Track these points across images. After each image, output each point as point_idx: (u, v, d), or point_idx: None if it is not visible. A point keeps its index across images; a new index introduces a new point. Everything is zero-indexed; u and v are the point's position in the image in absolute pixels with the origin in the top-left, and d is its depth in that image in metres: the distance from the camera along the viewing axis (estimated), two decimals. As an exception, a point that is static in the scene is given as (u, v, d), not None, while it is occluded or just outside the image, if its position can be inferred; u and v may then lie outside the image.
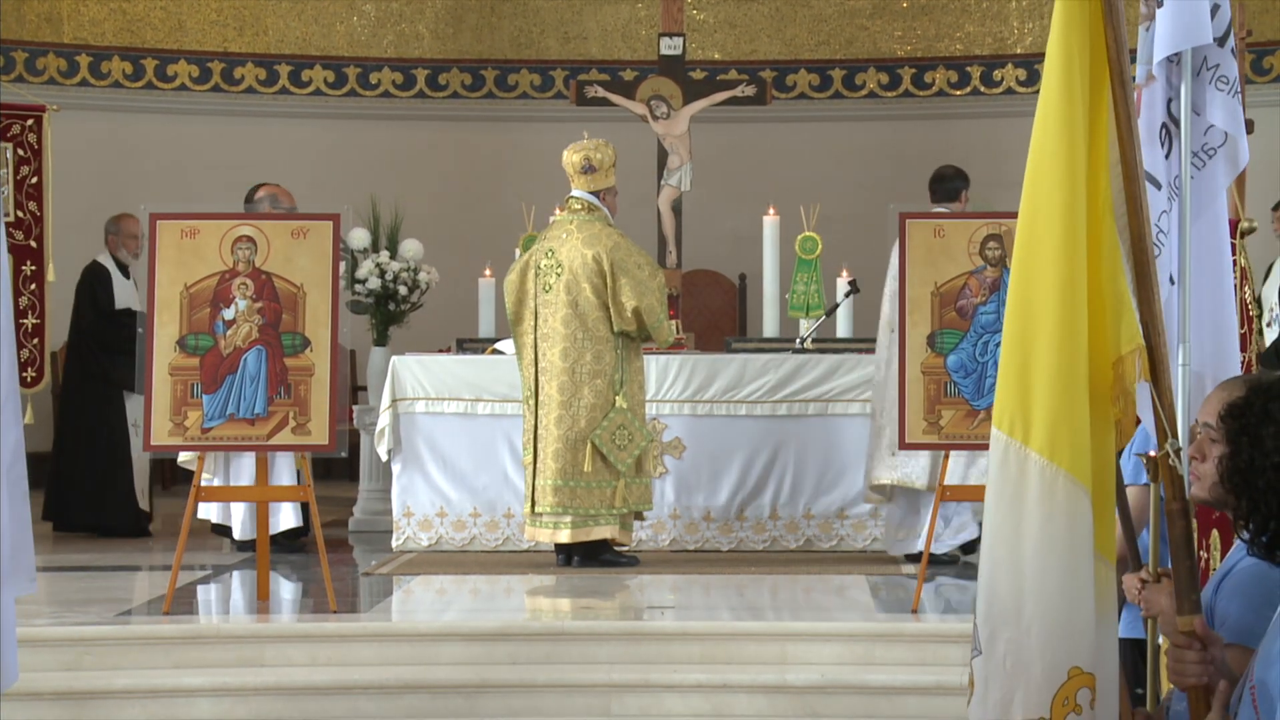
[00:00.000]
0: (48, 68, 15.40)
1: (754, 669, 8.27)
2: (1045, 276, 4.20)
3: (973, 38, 16.08)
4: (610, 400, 10.17)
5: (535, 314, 10.29)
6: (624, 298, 10.14)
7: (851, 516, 10.90)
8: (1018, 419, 4.22)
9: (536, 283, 10.30)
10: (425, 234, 12.70)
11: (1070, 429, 4.18)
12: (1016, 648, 4.18)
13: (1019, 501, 4.20)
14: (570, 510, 10.13)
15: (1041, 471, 4.18)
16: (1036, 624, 4.16)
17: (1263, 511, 3.92)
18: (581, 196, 10.38)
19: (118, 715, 8.06)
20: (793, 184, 14.50)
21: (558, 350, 10.18)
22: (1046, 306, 4.20)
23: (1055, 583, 4.16)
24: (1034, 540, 4.17)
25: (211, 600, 9.74)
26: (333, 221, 9.14)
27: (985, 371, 9.09)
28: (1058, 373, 4.19)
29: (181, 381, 8.95)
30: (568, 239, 10.28)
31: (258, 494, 9.15)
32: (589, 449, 10.10)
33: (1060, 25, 4.22)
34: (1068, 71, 4.21)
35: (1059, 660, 4.15)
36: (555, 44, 16.29)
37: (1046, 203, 4.22)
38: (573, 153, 10.43)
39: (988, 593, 4.23)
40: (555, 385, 10.17)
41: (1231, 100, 5.68)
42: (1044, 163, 4.23)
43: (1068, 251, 4.19)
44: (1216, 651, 3.96)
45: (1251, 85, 14.40)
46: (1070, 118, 4.19)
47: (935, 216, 9.57)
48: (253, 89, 15.92)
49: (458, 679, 8.22)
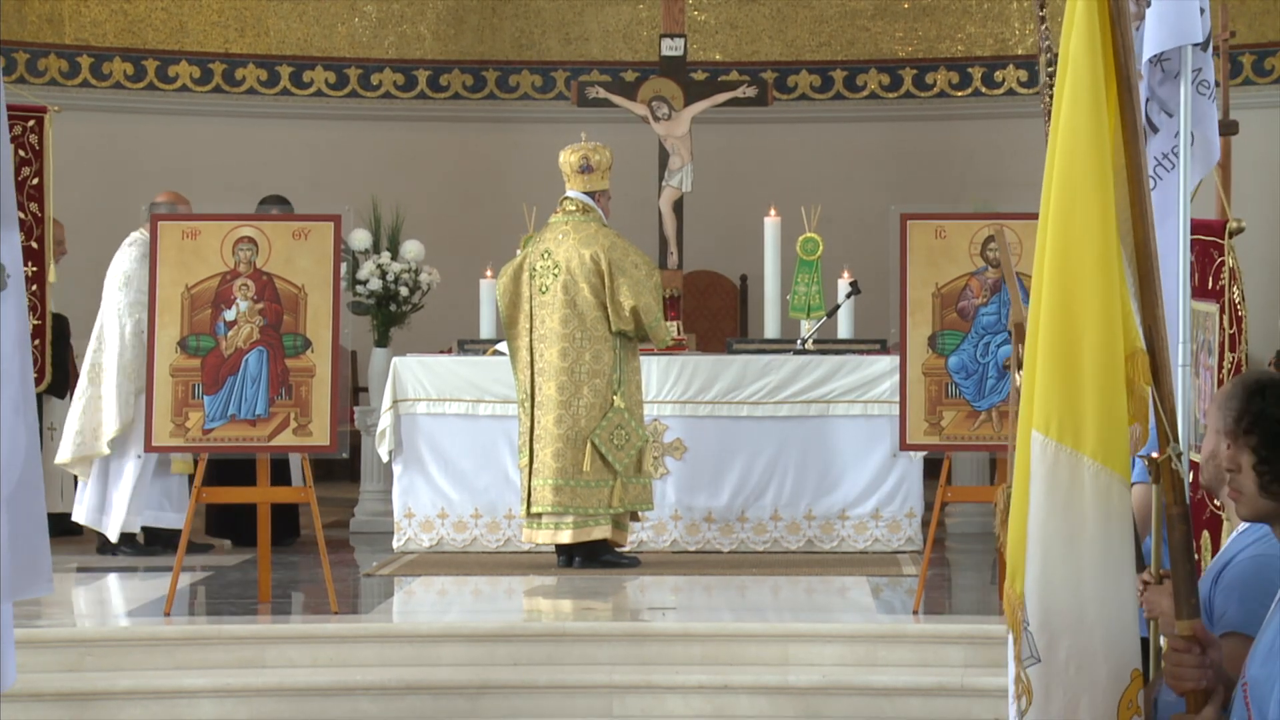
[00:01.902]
0: (49, 69, 15.39)
1: (756, 670, 8.27)
2: (1088, 279, 4.17)
3: (974, 39, 16.07)
4: (609, 400, 10.18)
5: (530, 316, 10.30)
6: (622, 297, 10.15)
7: (853, 518, 10.89)
8: (1067, 424, 4.18)
9: (532, 284, 10.31)
10: (426, 235, 12.71)
11: (1119, 433, 4.16)
12: (1080, 653, 4.15)
13: (1073, 507, 4.16)
14: (571, 510, 10.14)
15: (1096, 476, 4.15)
16: (1100, 629, 4.14)
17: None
18: (576, 197, 10.40)
19: (119, 716, 8.07)
20: (794, 185, 14.49)
21: (556, 350, 10.19)
22: (1091, 310, 4.16)
23: (1116, 587, 4.14)
24: (1093, 546, 4.14)
25: (213, 602, 9.74)
26: (334, 222, 9.15)
27: (986, 372, 9.09)
28: (1107, 377, 4.16)
29: (182, 382, 8.96)
30: (564, 240, 10.29)
31: (258, 494, 9.15)
32: (588, 449, 10.11)
33: (1081, 27, 4.19)
34: (1093, 72, 4.18)
35: (1123, 663, 4.13)
36: (556, 45, 16.28)
37: (1083, 206, 4.19)
38: (570, 153, 10.45)
39: (1043, 600, 4.19)
40: (554, 385, 10.18)
41: (1207, 103, 5.69)
42: (1075, 166, 4.20)
43: (1107, 254, 4.17)
44: (1215, 655, 3.96)
45: (1252, 85, 14.39)
46: (1099, 119, 4.17)
47: (936, 217, 9.57)
48: (254, 90, 15.91)
49: (459, 680, 8.23)
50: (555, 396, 10.17)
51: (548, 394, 10.20)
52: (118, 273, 10.86)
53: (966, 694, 8.04)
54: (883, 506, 10.87)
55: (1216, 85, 6.22)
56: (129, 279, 10.79)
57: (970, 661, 8.19)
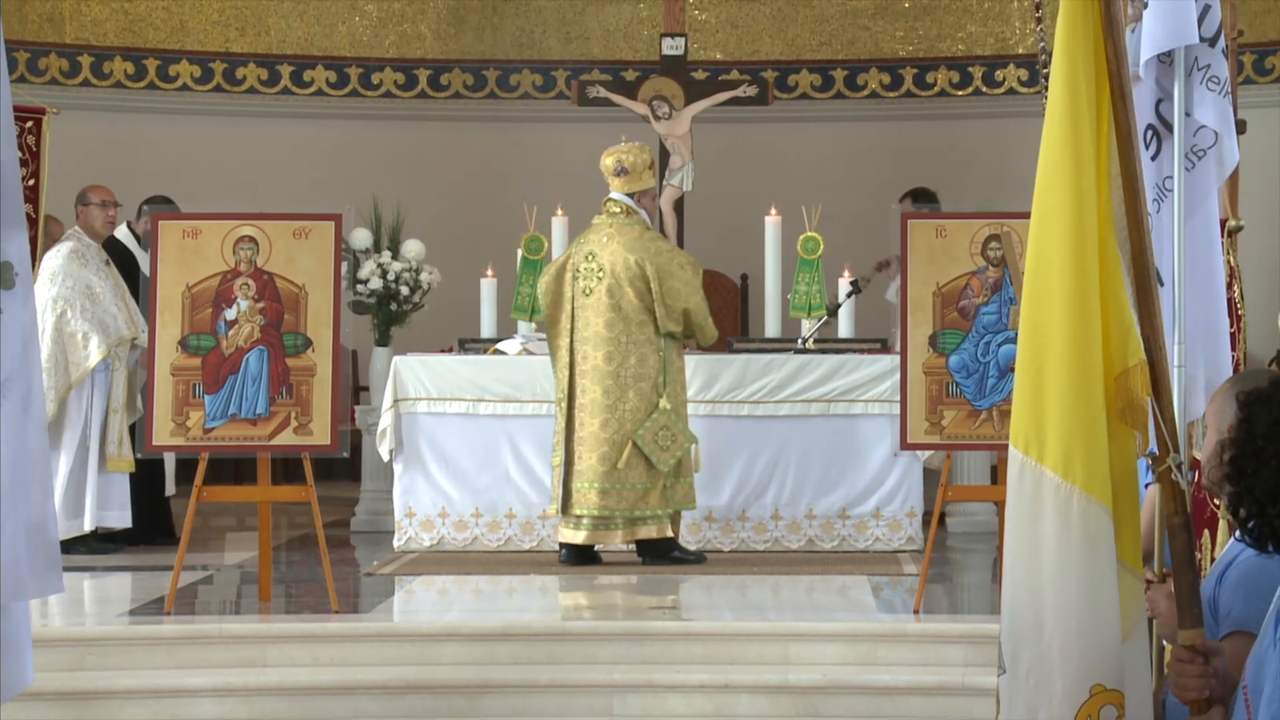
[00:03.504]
0: (49, 68, 15.40)
1: (756, 669, 8.27)
2: (1054, 293, 4.17)
3: (974, 38, 16.07)
4: (654, 401, 10.24)
5: (572, 317, 10.34)
6: (672, 300, 10.27)
7: (853, 517, 10.90)
8: (1033, 437, 4.19)
9: (575, 286, 10.35)
10: (427, 234, 12.71)
11: (1085, 446, 4.15)
12: (1038, 665, 4.15)
13: (1035, 519, 4.17)
14: (618, 512, 10.18)
15: (1056, 489, 4.16)
16: (1057, 641, 4.13)
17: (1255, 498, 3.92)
18: (619, 199, 10.45)
19: (120, 715, 8.07)
20: (794, 184, 14.50)
21: (601, 354, 10.24)
22: (1056, 323, 4.17)
23: (1074, 600, 4.13)
24: (1051, 558, 4.15)
25: (213, 601, 9.74)
26: (335, 221, 9.14)
27: (987, 372, 9.09)
28: (1070, 389, 4.16)
29: (183, 381, 8.96)
30: (609, 243, 10.34)
31: (259, 494, 9.15)
32: (629, 448, 10.16)
33: (1063, 33, 4.19)
34: (1071, 81, 4.17)
35: (1081, 677, 4.12)
36: (557, 44, 16.28)
37: (1054, 217, 4.19)
38: (607, 155, 10.54)
39: (1010, 611, 4.20)
40: (599, 388, 10.22)
41: (1222, 100, 5.67)
42: (1050, 176, 4.21)
43: (1076, 267, 4.16)
44: (1218, 663, 3.96)
45: (1253, 85, 14.40)
46: (1075, 129, 4.16)
47: (937, 217, 9.57)
48: (255, 89, 15.92)
49: (460, 679, 8.23)
50: (600, 400, 10.22)
51: (592, 397, 10.23)
52: (46, 269, 10.86)
53: (967, 693, 8.04)
54: (883, 506, 10.88)
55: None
56: (55, 275, 10.82)
57: (971, 661, 8.19)
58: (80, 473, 10.79)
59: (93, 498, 10.80)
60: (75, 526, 10.72)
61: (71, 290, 10.83)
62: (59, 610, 8.85)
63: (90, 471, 10.81)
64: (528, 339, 11.31)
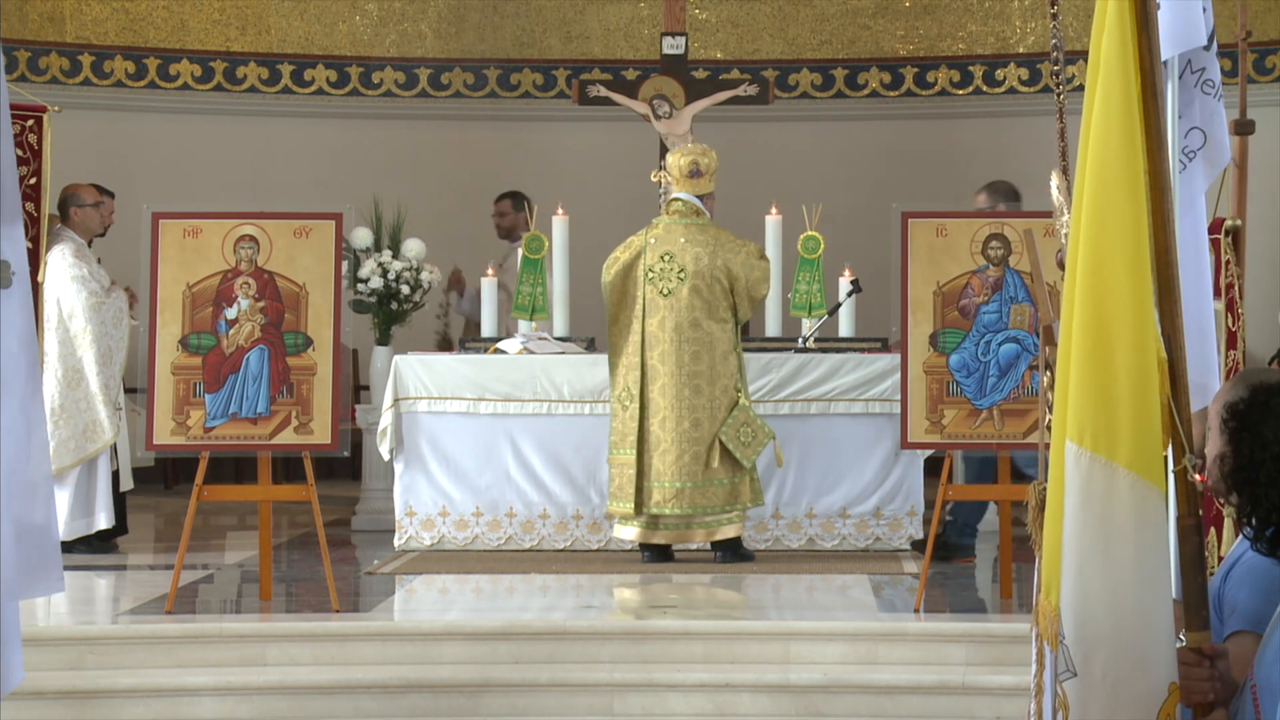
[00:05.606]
0: (50, 67, 15.40)
1: (757, 668, 8.27)
2: (1121, 287, 4.12)
3: (975, 37, 16.08)
4: (734, 399, 10.26)
5: (643, 318, 10.34)
6: (755, 290, 10.45)
7: (854, 516, 10.90)
8: (1101, 433, 4.13)
9: (648, 285, 10.36)
10: (428, 233, 12.71)
11: (1153, 442, 4.12)
12: (1117, 667, 4.11)
13: (1108, 519, 4.12)
14: (696, 510, 10.20)
15: (1131, 487, 4.11)
16: (1137, 643, 4.08)
17: (1265, 506, 3.91)
18: (688, 199, 10.48)
19: (121, 714, 8.07)
20: (795, 183, 14.50)
21: (688, 353, 10.27)
22: (1123, 318, 4.12)
23: (1153, 599, 4.10)
24: (1130, 558, 4.09)
25: (214, 600, 9.74)
26: (335, 220, 9.15)
27: (987, 371, 9.09)
28: (1139, 385, 4.11)
29: (184, 381, 8.96)
30: (687, 244, 10.39)
31: (259, 493, 9.15)
32: (717, 447, 10.18)
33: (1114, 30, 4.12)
34: (1125, 77, 4.13)
35: (1160, 677, 4.09)
36: (558, 43, 16.29)
37: (1117, 213, 4.14)
38: (680, 156, 10.56)
39: (1079, 613, 4.14)
40: (689, 388, 10.24)
41: (1214, 103, 5.67)
42: (1110, 172, 4.15)
43: (1140, 261, 4.12)
44: (1223, 666, 3.95)
45: (1253, 85, 14.38)
46: (1131, 125, 4.12)
47: (937, 215, 9.57)
48: (255, 88, 15.92)
49: (460, 678, 8.23)
50: (690, 399, 10.24)
51: (669, 397, 10.24)
52: (67, 276, 10.80)
53: (968, 692, 8.04)
54: (884, 505, 10.88)
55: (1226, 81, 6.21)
56: (80, 279, 10.79)
57: (972, 660, 8.20)
58: (89, 472, 10.76)
59: (104, 497, 10.79)
60: (84, 526, 10.72)
61: (91, 343, 10.78)
62: (60, 609, 8.86)
63: (101, 472, 10.79)
64: (528, 338, 11.30)
